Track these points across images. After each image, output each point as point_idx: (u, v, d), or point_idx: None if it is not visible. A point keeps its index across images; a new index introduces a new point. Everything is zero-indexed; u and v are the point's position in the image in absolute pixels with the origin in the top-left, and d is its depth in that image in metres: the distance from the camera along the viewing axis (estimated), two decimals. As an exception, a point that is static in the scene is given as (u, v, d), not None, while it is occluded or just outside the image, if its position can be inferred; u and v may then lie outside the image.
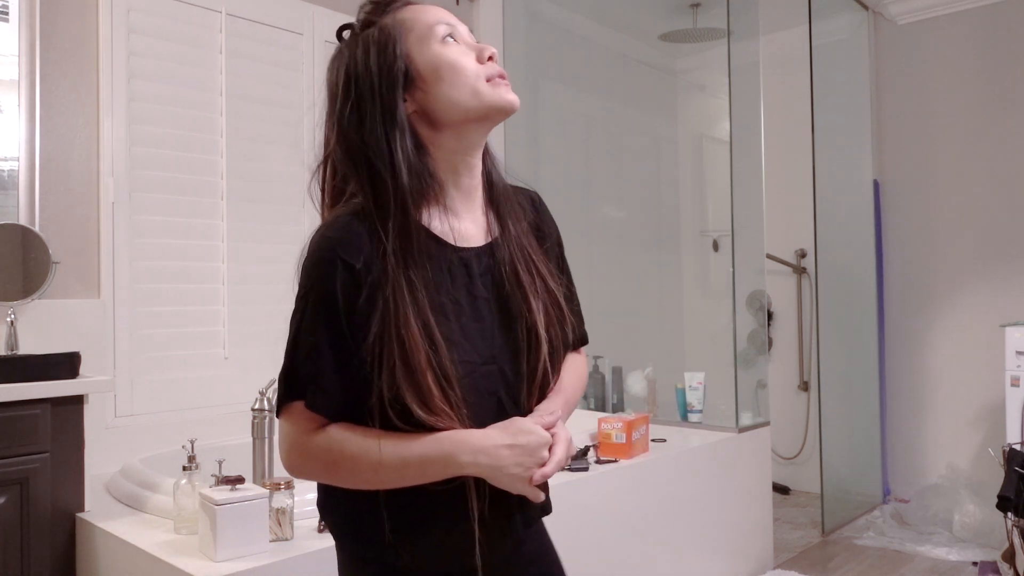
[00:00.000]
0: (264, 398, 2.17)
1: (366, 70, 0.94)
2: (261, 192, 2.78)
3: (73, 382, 1.88)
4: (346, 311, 0.90)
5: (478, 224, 1.01)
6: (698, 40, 4.33)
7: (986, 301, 3.90)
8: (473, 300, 0.97)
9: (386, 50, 0.94)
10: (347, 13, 3.06)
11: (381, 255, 0.90)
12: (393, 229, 0.91)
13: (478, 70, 0.96)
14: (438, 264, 0.95)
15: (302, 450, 0.93)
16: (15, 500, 1.79)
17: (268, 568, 1.56)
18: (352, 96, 0.95)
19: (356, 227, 0.92)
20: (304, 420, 0.92)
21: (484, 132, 1.00)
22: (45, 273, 2.20)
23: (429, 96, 0.95)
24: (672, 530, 2.65)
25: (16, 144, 2.23)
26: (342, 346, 0.91)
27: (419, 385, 0.88)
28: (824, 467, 3.67)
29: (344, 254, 0.90)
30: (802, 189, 3.99)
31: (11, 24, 2.23)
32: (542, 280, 1.02)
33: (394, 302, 0.89)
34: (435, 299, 0.92)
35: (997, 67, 3.88)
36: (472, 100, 0.95)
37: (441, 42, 0.96)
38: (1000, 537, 3.24)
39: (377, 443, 0.89)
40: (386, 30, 0.95)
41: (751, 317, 4.27)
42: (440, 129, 0.96)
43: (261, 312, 2.76)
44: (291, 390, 0.94)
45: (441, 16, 0.98)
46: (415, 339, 0.88)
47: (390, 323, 0.89)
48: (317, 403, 0.91)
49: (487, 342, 0.96)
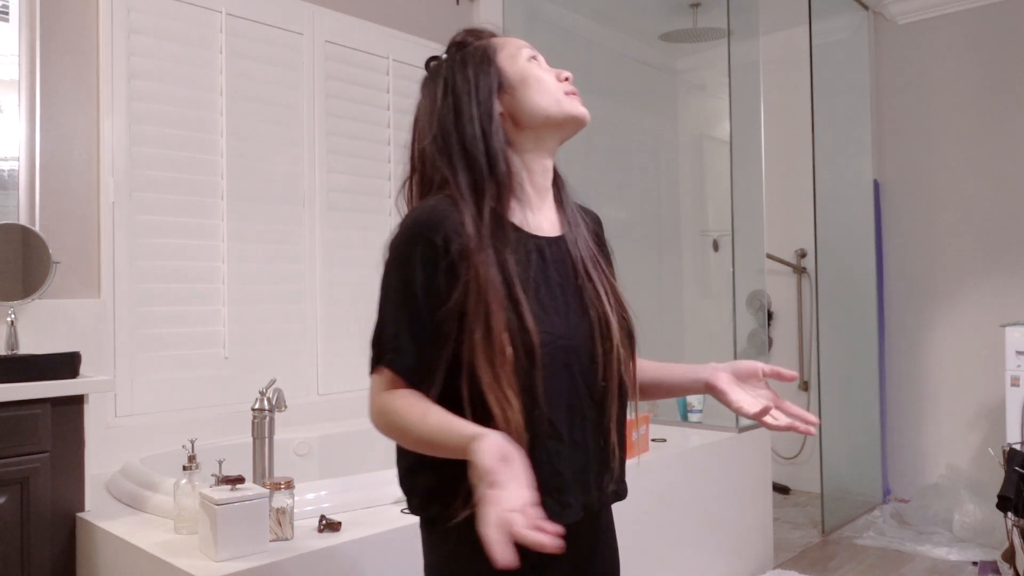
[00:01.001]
0: (264, 398, 2.17)
1: (464, 78, 1.10)
2: (261, 192, 2.78)
3: (73, 382, 1.87)
4: (425, 283, 1.00)
5: (549, 219, 1.13)
6: (698, 40, 4.33)
7: (986, 301, 3.90)
8: (548, 282, 1.06)
9: (483, 61, 1.11)
10: (347, 13, 3.07)
11: (466, 232, 1.00)
12: (482, 209, 1.03)
13: (558, 85, 1.12)
14: (516, 246, 1.05)
15: (375, 409, 1.02)
16: (15, 500, 1.79)
17: (268, 568, 1.56)
18: (450, 100, 1.09)
19: (440, 209, 1.03)
20: (383, 381, 1.02)
21: (558, 139, 1.14)
22: (45, 273, 2.20)
23: (516, 100, 1.10)
24: (672, 530, 2.65)
25: (16, 144, 2.23)
26: (421, 315, 1.00)
27: (492, 346, 0.96)
28: (824, 467, 3.67)
29: (426, 232, 1.01)
30: (802, 189, 3.99)
31: (11, 24, 2.23)
32: (607, 277, 1.14)
33: (479, 272, 0.98)
34: (519, 273, 1.02)
35: (997, 67, 3.88)
36: (553, 107, 1.10)
37: (527, 60, 1.13)
38: (1000, 537, 3.25)
39: (423, 416, 0.96)
40: (481, 48, 1.13)
41: (751, 317, 4.27)
42: (523, 130, 1.11)
43: (261, 312, 2.76)
44: (374, 353, 1.04)
45: (524, 43, 1.16)
46: (498, 304, 0.98)
47: (473, 291, 0.98)
48: (395, 365, 1.01)
49: (563, 320, 1.05)
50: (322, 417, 2.90)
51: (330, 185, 2.98)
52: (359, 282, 3.07)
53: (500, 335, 0.97)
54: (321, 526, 1.75)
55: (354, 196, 3.06)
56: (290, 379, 2.81)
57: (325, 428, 2.78)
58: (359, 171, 3.09)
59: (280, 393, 2.21)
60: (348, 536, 1.72)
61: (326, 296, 2.95)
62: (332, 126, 3.00)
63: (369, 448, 2.80)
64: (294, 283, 2.87)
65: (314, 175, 2.93)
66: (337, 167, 3.01)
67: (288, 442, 2.61)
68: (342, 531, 1.75)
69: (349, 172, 3.05)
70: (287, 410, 2.30)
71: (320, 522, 1.75)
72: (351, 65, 3.08)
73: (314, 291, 2.92)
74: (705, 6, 4.11)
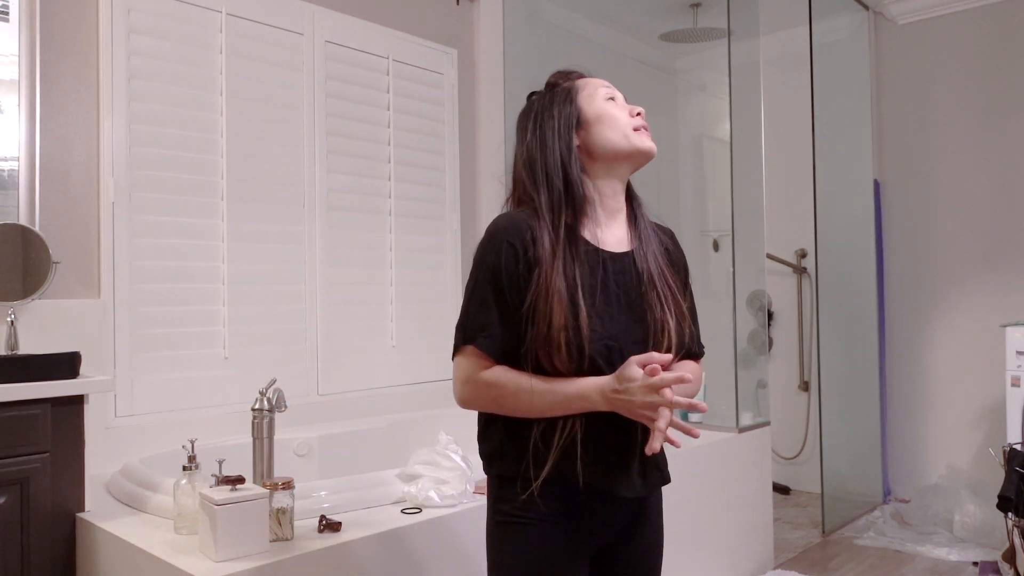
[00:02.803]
0: (264, 398, 2.17)
1: (550, 115, 1.32)
2: (261, 192, 2.78)
3: (73, 382, 1.87)
4: (509, 279, 1.22)
5: (617, 236, 1.32)
6: (698, 40, 4.33)
7: (986, 301, 3.90)
8: (606, 290, 1.25)
9: (566, 101, 1.32)
10: (347, 13, 3.07)
11: (540, 242, 1.22)
12: (557, 225, 1.24)
13: (629, 121, 1.31)
14: (585, 258, 1.25)
15: (475, 383, 1.23)
16: (15, 500, 1.79)
17: (268, 568, 1.56)
18: (538, 133, 1.31)
19: (519, 219, 1.25)
20: (476, 358, 1.23)
21: (629, 168, 1.34)
22: (45, 273, 2.20)
23: (591, 135, 1.30)
24: (672, 530, 2.65)
25: (16, 144, 2.23)
26: (505, 305, 1.22)
27: (552, 343, 1.18)
28: (824, 467, 3.67)
29: (509, 237, 1.23)
30: (802, 189, 3.99)
31: (11, 24, 2.23)
32: (670, 288, 1.31)
33: (548, 277, 1.20)
34: (582, 282, 1.22)
35: (997, 67, 3.88)
36: (623, 141, 1.30)
37: (604, 100, 1.33)
38: (1000, 537, 3.25)
39: (530, 382, 1.20)
40: (566, 89, 1.34)
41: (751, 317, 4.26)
42: (596, 160, 1.31)
43: (261, 312, 2.76)
44: (466, 335, 1.24)
45: (604, 83, 1.36)
46: (561, 307, 1.19)
47: (543, 294, 1.19)
48: (486, 345, 1.22)
49: (615, 325, 1.24)
50: (322, 417, 2.90)
51: (330, 185, 2.98)
52: (359, 282, 3.07)
53: (559, 332, 1.18)
54: (321, 526, 1.75)
55: (354, 196, 3.06)
56: (290, 379, 2.81)
57: (325, 428, 2.78)
58: (359, 171, 3.08)
59: (280, 393, 2.21)
60: (348, 536, 1.72)
61: (326, 296, 2.95)
62: (332, 126, 3.00)
63: (369, 448, 2.80)
64: (294, 283, 2.87)
65: (314, 175, 2.93)
66: (337, 167, 3.01)
67: (288, 442, 2.61)
68: (342, 531, 1.75)
69: (349, 172, 3.05)
70: (287, 410, 2.30)
71: (320, 522, 1.75)
72: (351, 65, 3.08)
73: (314, 291, 2.92)
74: (705, 6, 4.10)
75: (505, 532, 1.27)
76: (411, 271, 3.26)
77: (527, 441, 1.23)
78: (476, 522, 1.94)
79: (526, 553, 1.24)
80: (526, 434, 1.23)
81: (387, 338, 3.16)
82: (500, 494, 1.29)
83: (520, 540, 1.25)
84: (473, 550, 1.93)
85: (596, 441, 1.23)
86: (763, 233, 3.65)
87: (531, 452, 1.22)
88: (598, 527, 1.28)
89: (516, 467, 1.24)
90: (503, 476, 1.28)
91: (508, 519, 1.26)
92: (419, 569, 1.83)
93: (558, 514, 1.24)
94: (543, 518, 1.23)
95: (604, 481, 1.24)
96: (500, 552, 1.28)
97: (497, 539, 1.29)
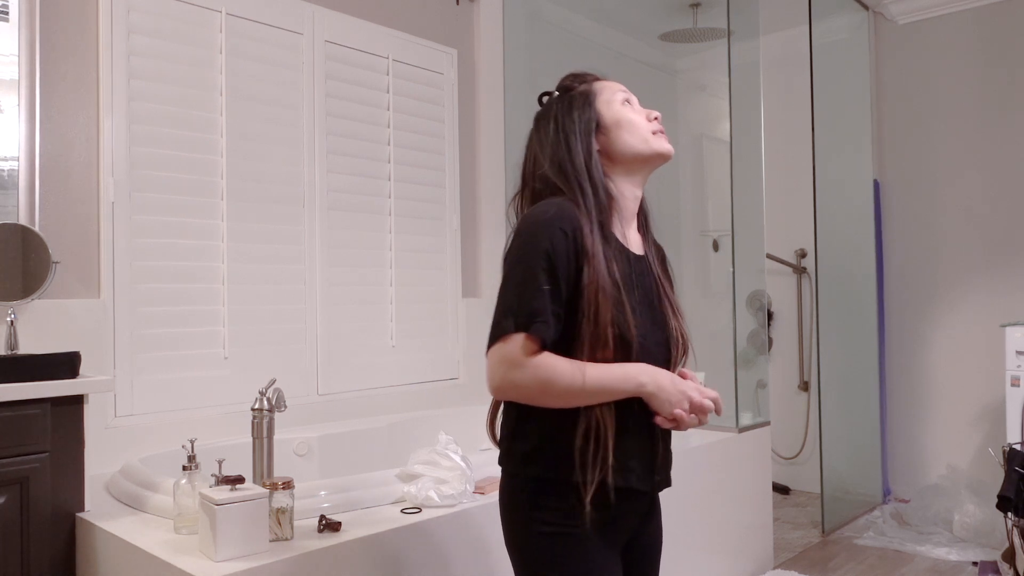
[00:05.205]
0: (264, 398, 2.17)
1: (571, 119, 1.32)
2: (261, 192, 2.78)
3: (73, 382, 1.87)
4: (563, 265, 1.20)
5: (636, 239, 1.35)
6: (698, 40, 4.33)
7: (986, 301, 3.90)
8: (638, 290, 1.28)
9: (585, 106, 1.33)
10: (347, 13, 3.07)
11: (585, 234, 1.22)
12: (593, 221, 1.24)
13: (647, 125, 1.34)
14: (618, 256, 1.27)
15: (525, 367, 1.18)
16: (15, 500, 1.78)
17: (268, 568, 1.56)
18: (562, 136, 1.32)
19: (566, 207, 1.24)
20: (528, 343, 1.18)
21: (647, 171, 1.36)
22: (45, 273, 2.20)
23: (610, 140, 1.33)
24: (672, 530, 2.65)
25: (16, 144, 2.23)
26: (558, 292, 1.20)
27: (598, 336, 1.19)
28: (824, 467, 3.67)
29: (561, 224, 1.21)
30: (802, 189, 3.99)
31: (11, 24, 2.23)
32: (675, 299, 1.37)
33: (597, 274, 1.20)
34: (623, 279, 1.24)
35: (997, 67, 3.88)
36: (641, 145, 1.32)
37: (621, 104, 1.35)
38: (1000, 537, 3.25)
39: (581, 368, 1.18)
40: (584, 93, 1.35)
41: (751, 317, 4.27)
42: (616, 163, 1.33)
43: (261, 312, 2.76)
44: (519, 322, 1.19)
45: (620, 87, 1.38)
46: (607, 302, 1.20)
47: (591, 289, 1.19)
48: (542, 331, 1.18)
49: (643, 324, 1.26)
50: (322, 417, 2.90)
51: (330, 185, 2.98)
52: (359, 282, 3.07)
53: (606, 328, 1.19)
54: (321, 526, 1.75)
55: (354, 196, 3.06)
56: (290, 379, 2.81)
57: (325, 428, 2.78)
58: (359, 171, 3.08)
59: (280, 393, 2.21)
60: (348, 536, 1.72)
61: (326, 296, 2.95)
62: (332, 126, 3.00)
63: (369, 448, 2.80)
64: (294, 283, 2.87)
65: (314, 175, 2.93)
66: (337, 167, 3.01)
67: (288, 442, 2.61)
68: (342, 531, 1.75)
69: (349, 172, 3.05)
70: (287, 410, 2.30)
71: (320, 522, 1.75)
72: (351, 65, 3.08)
73: (314, 291, 2.92)
74: (705, 6, 4.11)
75: (557, 546, 1.21)
76: (411, 271, 3.26)
77: (569, 441, 1.20)
78: (476, 522, 1.94)
79: (589, 571, 1.21)
80: (568, 435, 1.20)
81: (387, 338, 3.16)
82: (538, 501, 1.22)
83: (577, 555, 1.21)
84: (473, 550, 1.93)
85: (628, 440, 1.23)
86: (763, 233, 3.65)
87: (579, 453, 1.19)
88: (624, 528, 1.29)
89: (556, 469, 1.20)
90: (542, 479, 1.22)
91: (556, 530, 1.21)
92: (419, 569, 1.83)
93: (599, 521, 1.22)
94: (591, 526, 1.21)
95: (643, 481, 1.26)
96: (552, 568, 1.21)
97: (547, 554, 1.22)
